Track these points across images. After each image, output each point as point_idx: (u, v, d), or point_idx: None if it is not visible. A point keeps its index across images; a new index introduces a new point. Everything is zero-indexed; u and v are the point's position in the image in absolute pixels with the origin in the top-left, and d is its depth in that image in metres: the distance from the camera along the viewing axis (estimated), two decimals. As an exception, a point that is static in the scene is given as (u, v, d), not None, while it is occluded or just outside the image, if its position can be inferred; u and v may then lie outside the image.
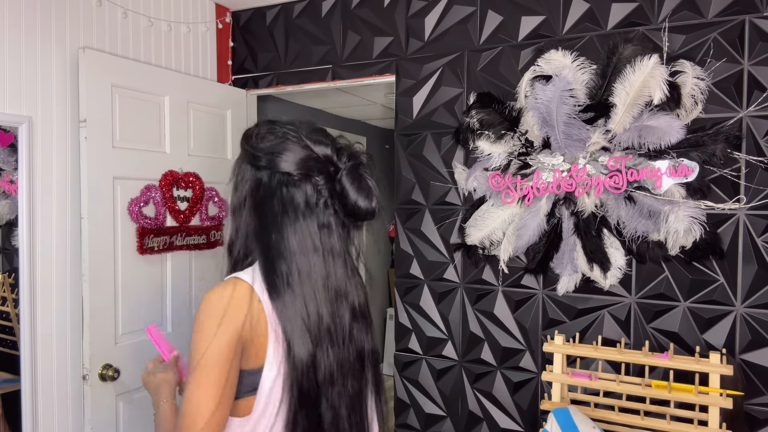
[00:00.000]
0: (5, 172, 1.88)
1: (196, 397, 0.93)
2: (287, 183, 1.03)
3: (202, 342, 0.95)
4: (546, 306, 2.13)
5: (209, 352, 0.94)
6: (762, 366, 1.82)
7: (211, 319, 0.96)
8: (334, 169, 1.04)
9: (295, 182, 1.02)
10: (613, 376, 1.86)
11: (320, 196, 1.03)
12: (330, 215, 1.04)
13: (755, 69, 1.80)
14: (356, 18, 2.46)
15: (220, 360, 0.95)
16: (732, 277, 1.85)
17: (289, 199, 1.02)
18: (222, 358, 0.95)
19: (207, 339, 0.95)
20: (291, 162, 1.02)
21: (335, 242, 1.05)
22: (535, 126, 2.00)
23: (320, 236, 1.03)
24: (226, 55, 2.72)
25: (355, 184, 1.03)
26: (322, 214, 1.04)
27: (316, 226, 1.03)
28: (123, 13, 2.19)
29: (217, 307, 0.97)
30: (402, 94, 2.37)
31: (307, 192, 1.03)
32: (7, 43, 1.80)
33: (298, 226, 1.02)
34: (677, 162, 1.82)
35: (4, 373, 1.94)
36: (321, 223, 1.03)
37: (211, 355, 0.94)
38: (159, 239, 2.20)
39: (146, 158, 2.18)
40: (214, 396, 0.94)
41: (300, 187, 1.03)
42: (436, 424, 2.34)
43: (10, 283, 1.91)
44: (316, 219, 1.03)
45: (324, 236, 1.03)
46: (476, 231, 2.16)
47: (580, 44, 2.02)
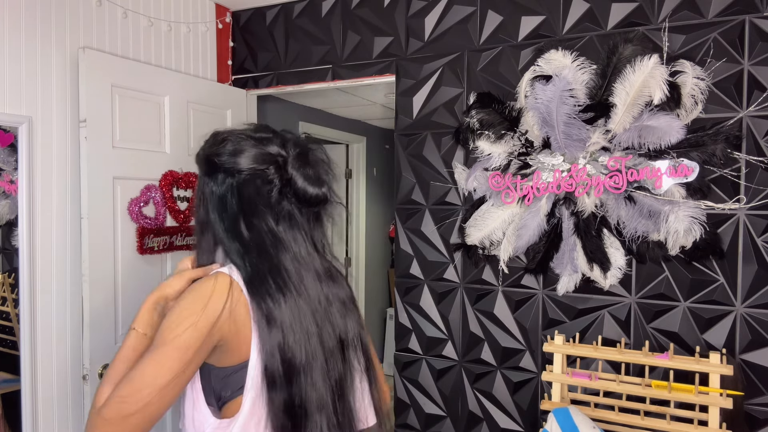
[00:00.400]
0: (5, 172, 1.88)
1: (153, 371, 0.91)
2: (238, 182, 1.05)
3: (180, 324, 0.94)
4: (546, 306, 2.13)
5: (184, 335, 0.93)
6: (762, 366, 1.82)
7: (193, 305, 0.96)
8: (282, 159, 1.06)
9: (246, 179, 1.05)
10: (613, 376, 1.86)
11: (272, 186, 1.05)
12: (289, 205, 1.07)
13: (755, 69, 1.80)
14: (356, 18, 2.46)
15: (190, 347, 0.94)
16: (732, 277, 1.85)
17: (243, 196, 1.05)
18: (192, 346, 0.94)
19: (186, 322, 0.94)
20: (241, 159, 1.05)
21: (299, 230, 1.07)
22: (535, 126, 2.00)
23: (280, 226, 1.05)
24: (226, 55, 2.72)
25: (301, 170, 1.06)
26: (279, 205, 1.06)
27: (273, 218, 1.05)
28: (123, 13, 2.19)
29: (201, 296, 0.97)
30: (402, 94, 2.37)
31: (258, 186, 1.05)
32: (7, 43, 1.80)
33: (256, 221, 1.04)
34: (677, 162, 1.82)
35: (4, 373, 1.94)
36: (280, 213, 1.06)
37: (185, 339, 0.93)
38: (159, 239, 2.20)
39: (146, 158, 2.18)
40: (168, 377, 0.92)
41: (251, 182, 1.05)
42: (436, 424, 2.35)
43: (10, 283, 1.91)
44: (272, 210, 1.05)
45: (285, 226, 1.05)
46: (476, 231, 2.16)
47: (580, 44, 2.02)
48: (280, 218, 1.05)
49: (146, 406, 0.90)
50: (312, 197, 1.07)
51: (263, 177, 1.05)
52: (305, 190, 1.06)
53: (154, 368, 0.92)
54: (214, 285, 0.99)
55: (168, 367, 0.92)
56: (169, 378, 0.92)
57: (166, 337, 0.94)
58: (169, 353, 0.92)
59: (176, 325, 0.94)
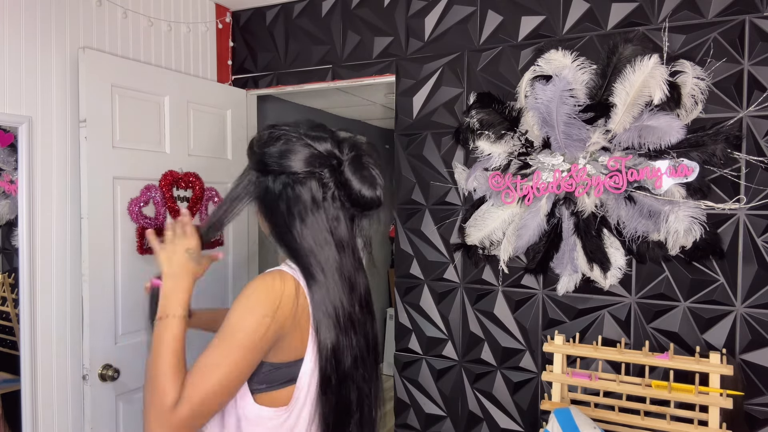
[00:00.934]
0: (5, 172, 1.88)
1: (223, 368, 0.94)
2: (293, 182, 1.06)
3: (249, 321, 0.96)
4: (546, 306, 2.13)
5: (253, 333, 0.96)
6: (762, 366, 1.82)
7: (262, 303, 0.98)
8: (336, 161, 1.06)
9: (301, 180, 1.05)
10: (613, 376, 1.86)
11: (327, 189, 1.06)
12: (338, 208, 1.08)
13: (755, 69, 1.80)
14: (356, 18, 2.46)
15: (257, 344, 0.97)
16: (732, 277, 1.85)
17: (296, 198, 1.05)
18: (260, 344, 0.97)
19: (254, 320, 0.96)
20: (294, 161, 1.05)
21: (344, 234, 1.08)
22: (535, 126, 2.00)
23: (330, 229, 1.06)
24: (226, 55, 2.72)
25: (357, 173, 1.06)
26: (331, 208, 1.07)
27: (326, 220, 1.06)
28: (123, 13, 2.19)
29: (269, 295, 0.99)
30: (402, 94, 2.37)
31: (313, 188, 1.05)
32: (7, 43, 1.80)
33: (309, 223, 1.05)
34: (677, 162, 1.82)
35: (4, 373, 1.94)
36: (330, 216, 1.07)
37: (253, 336, 0.96)
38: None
39: (146, 158, 2.18)
40: (236, 373, 0.95)
41: (306, 184, 1.05)
42: (436, 424, 2.34)
43: (10, 283, 1.91)
44: (325, 213, 1.06)
45: (334, 228, 1.07)
46: (476, 231, 2.16)
47: (580, 44, 2.02)
48: (329, 220, 1.07)
49: (219, 404, 0.95)
50: (368, 200, 1.08)
51: (317, 179, 1.06)
52: (361, 193, 1.07)
53: (225, 366, 0.94)
54: (283, 285, 1.01)
55: (237, 365, 0.95)
56: (237, 374, 0.95)
57: (235, 334, 0.96)
58: (238, 351, 0.95)
59: (245, 322, 0.96)
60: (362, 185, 1.06)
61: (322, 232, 1.05)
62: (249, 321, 0.96)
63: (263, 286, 1.00)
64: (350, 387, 1.06)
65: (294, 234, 1.05)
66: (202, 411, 0.93)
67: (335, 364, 1.03)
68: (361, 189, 1.06)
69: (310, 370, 1.04)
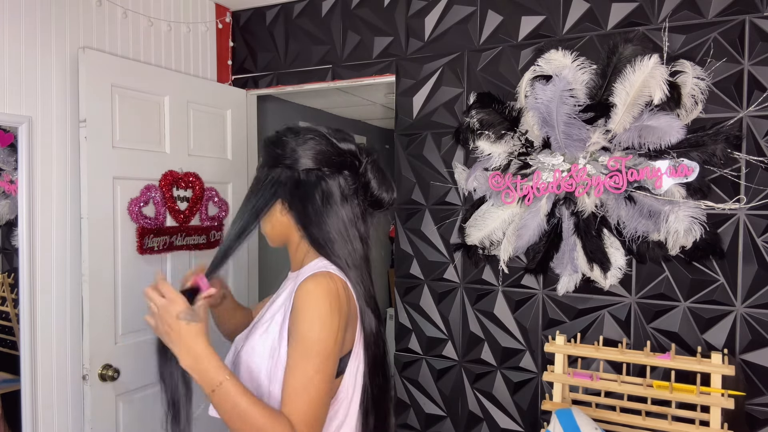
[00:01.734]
0: (5, 172, 1.88)
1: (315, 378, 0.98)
2: (323, 178, 1.12)
3: (323, 331, 1.00)
4: (546, 306, 2.13)
5: (329, 340, 1.00)
6: (762, 366, 1.82)
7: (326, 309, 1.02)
8: (358, 163, 1.15)
9: (328, 177, 1.12)
10: (615, 376, 1.86)
11: (350, 187, 1.14)
12: (357, 205, 1.15)
13: (755, 69, 1.80)
14: (356, 18, 2.46)
15: (335, 351, 1.02)
16: (732, 277, 1.85)
17: (329, 191, 1.12)
18: (336, 348, 1.02)
19: (327, 329, 1.00)
20: (322, 159, 1.12)
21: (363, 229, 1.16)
22: (535, 126, 2.00)
23: (356, 224, 1.14)
24: (226, 55, 2.72)
25: (378, 176, 1.16)
26: (353, 204, 1.14)
27: (351, 215, 1.14)
28: (123, 13, 2.19)
29: (334, 299, 1.03)
30: (402, 94, 2.37)
31: (341, 184, 1.13)
32: (7, 43, 1.80)
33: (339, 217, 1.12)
34: (677, 162, 1.82)
35: (4, 373, 1.94)
36: (354, 211, 1.14)
37: (329, 344, 1.01)
38: (159, 239, 2.20)
39: (146, 158, 2.18)
40: (328, 383, 1.01)
41: (334, 180, 1.12)
42: (436, 424, 2.34)
43: (10, 283, 1.91)
44: (351, 208, 1.14)
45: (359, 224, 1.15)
46: (476, 231, 2.16)
47: (580, 44, 2.02)
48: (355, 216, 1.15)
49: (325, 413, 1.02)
50: (385, 202, 1.17)
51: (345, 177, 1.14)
52: (380, 194, 1.16)
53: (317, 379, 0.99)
54: (336, 286, 1.05)
55: (325, 373, 1.00)
56: (327, 381, 1.01)
57: (314, 347, 1.00)
58: (322, 361, 1.00)
59: (319, 332, 1.00)
60: (381, 187, 1.15)
61: (351, 225, 1.13)
62: (322, 330, 1.00)
63: (324, 293, 1.02)
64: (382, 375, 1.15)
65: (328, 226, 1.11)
66: (317, 426, 1.00)
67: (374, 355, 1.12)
68: (380, 191, 1.15)
69: (356, 360, 1.11)
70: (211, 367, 0.98)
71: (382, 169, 1.18)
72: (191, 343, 1.00)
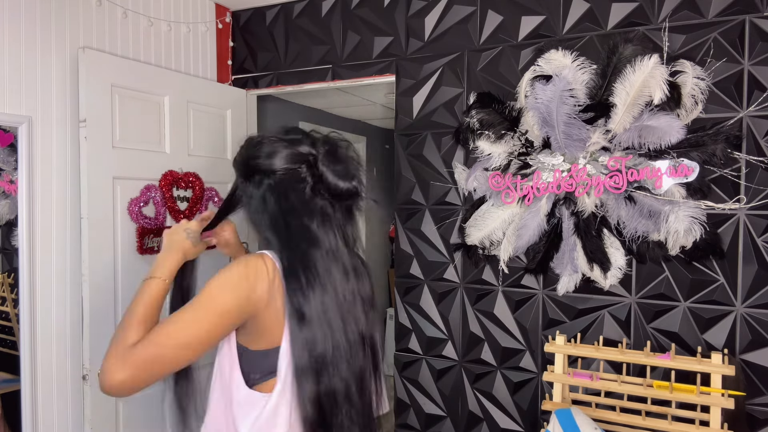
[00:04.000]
0: (5, 172, 1.88)
1: (191, 327, 0.99)
2: (274, 182, 1.12)
3: (224, 290, 1.02)
4: (546, 306, 2.13)
5: (226, 301, 1.01)
6: (762, 366, 1.82)
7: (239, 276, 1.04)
8: (312, 157, 1.12)
9: (281, 179, 1.11)
10: (615, 376, 1.86)
11: (305, 183, 1.11)
12: (322, 201, 1.13)
13: (755, 69, 1.80)
14: (356, 18, 2.46)
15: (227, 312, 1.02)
16: (732, 277, 1.85)
17: (279, 196, 1.11)
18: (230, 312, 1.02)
19: (228, 290, 1.02)
20: (275, 160, 1.11)
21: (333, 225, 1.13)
22: (535, 126, 2.00)
23: (314, 223, 1.11)
24: (226, 55, 2.72)
25: (331, 168, 1.12)
26: (313, 202, 1.12)
27: (308, 214, 1.11)
28: (123, 13, 2.19)
29: (248, 269, 1.05)
30: (402, 94, 2.37)
31: (293, 184, 1.11)
32: (7, 43, 1.80)
33: (291, 219, 1.10)
34: (677, 162, 1.82)
35: (4, 373, 1.94)
36: (315, 210, 1.12)
37: (224, 304, 1.01)
38: (159, 239, 2.20)
39: (146, 158, 2.18)
40: (201, 335, 1.00)
41: (286, 182, 1.11)
42: (436, 424, 2.34)
43: (10, 283, 1.91)
44: (306, 207, 1.11)
45: (318, 222, 1.11)
46: (476, 231, 2.16)
47: (580, 44, 2.02)
48: (314, 215, 1.11)
49: (176, 358, 0.99)
50: (344, 191, 1.13)
51: (296, 176, 1.11)
52: (336, 184, 1.12)
53: (193, 325, 0.99)
54: (263, 264, 1.06)
55: (205, 328, 1.00)
56: (202, 336, 1.00)
57: (208, 299, 1.02)
58: (209, 314, 1.00)
59: (219, 290, 1.02)
60: (336, 178, 1.11)
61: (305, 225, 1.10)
62: (226, 290, 1.02)
63: (243, 263, 1.06)
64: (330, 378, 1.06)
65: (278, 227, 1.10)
66: (157, 359, 0.97)
67: (308, 356, 1.05)
68: (336, 181, 1.11)
69: (285, 360, 1.06)
70: (165, 266, 1.16)
71: (339, 157, 1.13)
72: (174, 248, 1.20)
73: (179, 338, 0.98)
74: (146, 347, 0.97)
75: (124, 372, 0.95)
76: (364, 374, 1.13)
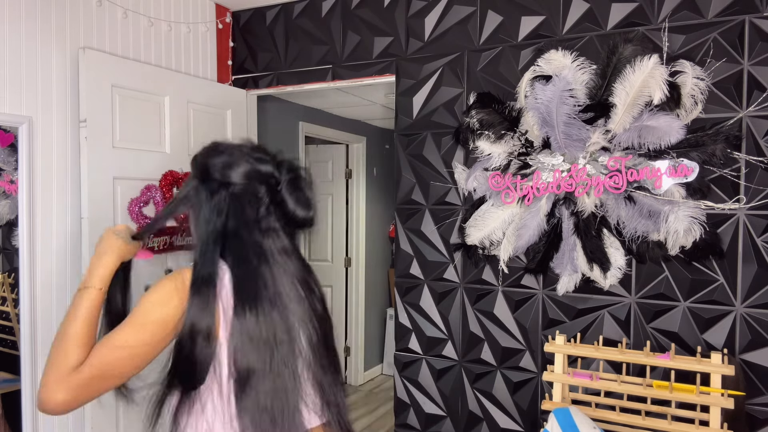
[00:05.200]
0: (5, 172, 1.88)
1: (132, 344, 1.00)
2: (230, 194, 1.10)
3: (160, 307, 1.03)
4: (546, 306, 2.13)
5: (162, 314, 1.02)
6: (762, 366, 1.82)
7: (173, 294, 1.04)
8: (275, 181, 1.12)
9: (238, 193, 1.10)
10: (615, 376, 1.86)
11: (261, 203, 1.11)
12: (274, 220, 1.12)
13: (755, 69, 1.80)
14: (356, 18, 2.46)
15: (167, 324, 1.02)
16: (732, 277, 1.85)
17: (232, 207, 1.10)
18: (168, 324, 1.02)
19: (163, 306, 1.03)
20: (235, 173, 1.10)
21: (283, 242, 1.12)
22: (535, 126, 2.00)
23: (265, 239, 1.10)
24: (226, 55, 2.72)
25: (293, 195, 1.12)
26: (265, 220, 1.11)
27: (259, 231, 1.10)
28: (123, 13, 2.19)
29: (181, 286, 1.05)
30: (402, 94, 2.37)
31: (248, 200, 1.10)
32: (7, 43, 1.80)
33: (243, 231, 1.10)
34: (677, 162, 1.83)
35: (4, 373, 1.94)
36: (266, 227, 1.11)
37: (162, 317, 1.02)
38: (159, 239, 2.20)
39: (146, 158, 2.18)
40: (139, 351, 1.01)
41: (242, 197, 1.10)
42: (436, 424, 2.35)
43: (10, 283, 1.91)
44: (259, 224, 1.10)
45: (269, 239, 1.11)
46: (476, 231, 2.16)
47: (580, 44, 2.02)
48: (263, 231, 1.10)
49: (119, 377, 1.02)
50: (301, 220, 1.13)
51: (254, 193, 1.10)
52: (295, 212, 1.12)
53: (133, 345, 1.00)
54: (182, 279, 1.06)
55: (144, 346, 1.01)
56: (142, 354, 1.01)
57: (146, 318, 1.02)
58: (148, 334, 1.01)
59: (155, 308, 1.03)
60: (297, 206, 1.12)
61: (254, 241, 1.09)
62: (159, 307, 1.03)
63: (172, 279, 1.06)
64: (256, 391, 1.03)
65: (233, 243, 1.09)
66: (101, 379, 0.99)
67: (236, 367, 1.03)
68: (296, 209, 1.12)
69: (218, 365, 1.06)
70: (98, 274, 1.11)
71: (301, 187, 1.14)
72: (105, 250, 1.13)
73: (119, 361, 0.99)
74: (90, 369, 0.97)
75: (67, 394, 0.95)
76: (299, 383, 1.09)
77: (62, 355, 0.99)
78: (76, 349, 0.99)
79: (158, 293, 1.05)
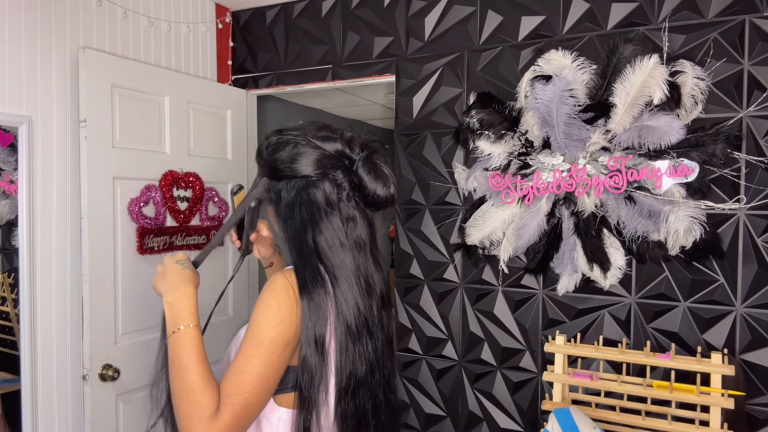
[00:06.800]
0: (5, 172, 1.88)
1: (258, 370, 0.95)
2: (306, 186, 1.04)
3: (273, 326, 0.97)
4: (546, 306, 2.13)
5: (279, 338, 0.97)
6: (762, 366, 1.82)
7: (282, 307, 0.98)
8: (348, 161, 1.05)
9: (314, 183, 1.04)
10: (615, 376, 1.86)
11: (341, 190, 1.05)
12: (353, 207, 1.06)
13: (755, 69, 1.80)
14: (356, 18, 2.46)
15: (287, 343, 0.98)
16: (732, 277, 1.85)
17: (309, 201, 1.04)
18: (287, 341, 0.98)
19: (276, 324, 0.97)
20: (305, 165, 1.03)
21: (361, 234, 1.07)
22: (535, 126, 2.00)
23: (346, 231, 1.04)
24: (226, 55, 2.72)
25: (371, 173, 1.05)
26: (346, 208, 1.05)
27: (340, 222, 1.04)
28: (123, 13, 2.19)
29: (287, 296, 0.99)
30: (402, 94, 2.37)
31: (326, 190, 1.04)
32: (7, 43, 1.80)
33: (324, 226, 1.03)
34: (677, 162, 1.82)
35: (4, 373, 1.94)
36: (345, 217, 1.05)
37: (279, 341, 0.97)
38: (159, 239, 2.20)
39: (146, 158, 2.18)
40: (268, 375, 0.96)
41: (319, 187, 1.04)
42: (436, 424, 2.34)
43: (10, 283, 1.91)
44: (339, 215, 1.04)
45: (350, 230, 1.05)
46: (476, 231, 2.16)
47: (580, 44, 2.02)
48: (344, 222, 1.05)
49: (259, 408, 0.96)
50: (382, 199, 1.06)
51: (332, 180, 1.04)
52: (376, 192, 1.05)
53: (260, 371, 0.95)
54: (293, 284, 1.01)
55: (271, 368, 0.96)
56: (271, 376, 0.96)
57: (263, 340, 0.96)
58: (269, 355, 0.96)
59: (269, 328, 0.97)
60: (377, 184, 1.04)
61: (336, 234, 1.03)
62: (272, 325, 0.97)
63: (278, 289, 1.00)
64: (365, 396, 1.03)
65: (307, 239, 1.03)
66: (244, 416, 0.94)
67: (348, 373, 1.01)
68: (376, 188, 1.04)
69: None
70: (184, 310, 1.02)
71: (377, 162, 1.06)
72: (179, 282, 1.05)
73: (253, 391, 0.94)
74: (228, 414, 0.92)
75: None
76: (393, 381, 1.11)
77: (194, 407, 0.93)
78: (204, 394, 0.94)
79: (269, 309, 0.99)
